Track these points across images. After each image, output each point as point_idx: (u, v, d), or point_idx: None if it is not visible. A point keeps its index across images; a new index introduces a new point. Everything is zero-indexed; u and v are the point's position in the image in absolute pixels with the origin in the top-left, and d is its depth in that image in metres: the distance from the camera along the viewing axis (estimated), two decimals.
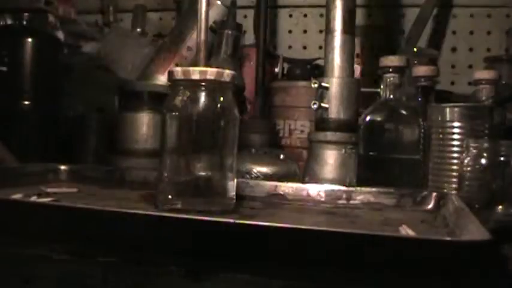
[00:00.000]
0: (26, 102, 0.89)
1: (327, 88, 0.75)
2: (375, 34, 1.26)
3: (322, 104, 0.75)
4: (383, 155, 0.83)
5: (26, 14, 0.92)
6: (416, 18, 1.18)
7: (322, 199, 0.70)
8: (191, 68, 0.59)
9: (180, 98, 0.60)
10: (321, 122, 0.76)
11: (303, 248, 0.43)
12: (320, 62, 1.02)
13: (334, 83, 0.75)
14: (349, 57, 0.77)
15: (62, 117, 0.95)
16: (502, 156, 0.62)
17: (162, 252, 0.46)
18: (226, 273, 0.45)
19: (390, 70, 0.85)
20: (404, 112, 0.86)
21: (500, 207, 0.62)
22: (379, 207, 0.68)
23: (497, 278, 0.44)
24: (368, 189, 0.70)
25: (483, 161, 0.64)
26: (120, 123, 0.92)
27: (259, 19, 1.03)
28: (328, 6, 0.77)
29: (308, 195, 0.71)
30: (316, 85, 0.76)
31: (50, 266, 0.49)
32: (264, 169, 0.83)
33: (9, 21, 0.94)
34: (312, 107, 0.76)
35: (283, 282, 0.44)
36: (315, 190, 0.71)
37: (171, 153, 0.61)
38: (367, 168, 0.81)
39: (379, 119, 0.85)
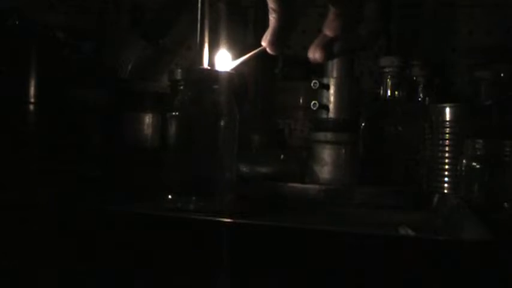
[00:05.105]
0: (27, 102, 0.89)
1: (327, 88, 0.75)
2: None
3: (322, 104, 0.75)
4: (383, 155, 0.83)
5: (26, 13, 0.92)
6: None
7: (322, 199, 0.70)
8: (191, 68, 0.59)
9: (180, 98, 0.60)
10: (321, 122, 0.76)
11: (303, 247, 0.43)
12: None
13: (334, 83, 0.75)
14: (348, 57, 0.77)
15: (62, 117, 0.95)
16: (506, 156, 0.63)
17: (161, 252, 0.46)
18: (226, 273, 0.45)
19: (390, 70, 0.85)
20: (404, 112, 0.86)
21: (500, 207, 0.62)
22: (379, 207, 0.68)
23: (498, 278, 0.44)
24: (368, 189, 0.70)
25: (483, 160, 0.64)
26: (120, 123, 0.92)
27: (259, 19, 1.03)
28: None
29: (308, 195, 0.71)
30: (316, 85, 0.76)
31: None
32: (264, 169, 0.83)
33: (9, 21, 0.94)
34: (312, 107, 0.76)
35: (284, 282, 0.44)
36: (315, 190, 0.71)
37: (171, 153, 0.61)
38: (367, 168, 0.81)
39: (379, 119, 0.85)
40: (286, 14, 0.54)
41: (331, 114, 0.75)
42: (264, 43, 0.57)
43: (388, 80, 0.85)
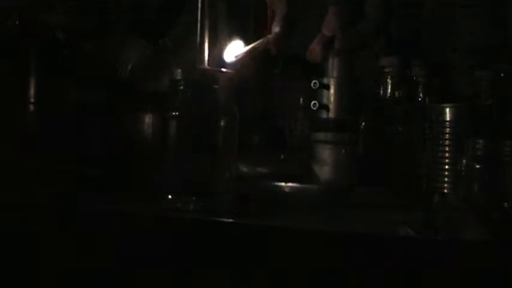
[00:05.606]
0: (27, 103, 0.89)
1: (327, 88, 0.76)
2: None
3: (322, 104, 0.75)
4: (383, 155, 0.83)
5: (26, 13, 0.92)
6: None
7: (322, 199, 0.70)
8: (191, 68, 0.59)
9: (180, 98, 0.60)
10: (321, 122, 0.76)
11: (303, 247, 0.43)
12: None
13: (334, 83, 0.75)
14: (348, 57, 0.77)
15: (62, 117, 0.95)
16: (506, 156, 0.63)
17: (161, 252, 0.46)
18: (225, 272, 0.45)
19: (390, 70, 0.85)
20: (404, 112, 0.86)
21: (500, 207, 0.62)
22: (379, 207, 0.68)
23: (498, 278, 0.44)
24: (368, 189, 0.70)
25: (483, 160, 0.64)
26: (120, 123, 0.92)
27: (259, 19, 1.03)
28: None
29: (308, 195, 0.71)
30: (316, 85, 0.76)
31: None
32: (264, 169, 0.83)
33: (9, 21, 0.94)
34: (312, 107, 0.76)
35: (284, 282, 0.44)
36: (315, 190, 0.71)
37: (171, 153, 0.61)
38: (367, 168, 0.81)
39: (379, 118, 0.85)
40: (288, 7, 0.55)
41: (331, 114, 0.75)
42: (274, 29, 0.57)
43: (388, 80, 0.85)
